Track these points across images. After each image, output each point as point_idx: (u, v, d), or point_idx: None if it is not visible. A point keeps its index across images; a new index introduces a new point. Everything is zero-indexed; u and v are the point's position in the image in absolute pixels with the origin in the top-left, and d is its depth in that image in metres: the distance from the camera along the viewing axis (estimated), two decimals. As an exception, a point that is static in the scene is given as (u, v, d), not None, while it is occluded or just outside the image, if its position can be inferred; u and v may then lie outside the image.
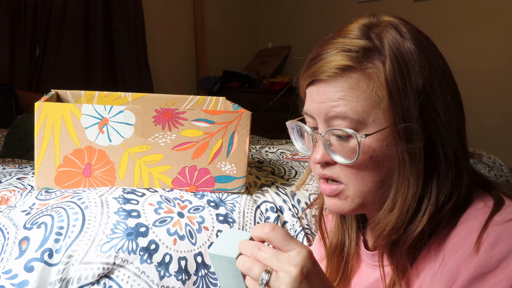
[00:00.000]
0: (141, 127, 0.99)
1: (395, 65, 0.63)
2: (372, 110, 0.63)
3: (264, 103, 4.10)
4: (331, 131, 0.65)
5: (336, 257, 0.79)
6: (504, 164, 1.80)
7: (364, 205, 0.68)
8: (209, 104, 1.44)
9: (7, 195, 1.03)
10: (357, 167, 0.65)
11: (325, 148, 0.66)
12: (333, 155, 0.66)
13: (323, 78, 0.65)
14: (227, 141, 1.03)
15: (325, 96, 0.65)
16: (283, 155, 1.73)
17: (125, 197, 0.96)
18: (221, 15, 4.48)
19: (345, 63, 0.63)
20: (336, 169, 0.67)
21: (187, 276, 0.90)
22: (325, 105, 0.65)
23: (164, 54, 4.13)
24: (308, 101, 0.69)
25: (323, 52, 0.66)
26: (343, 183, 0.67)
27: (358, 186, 0.66)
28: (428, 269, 0.65)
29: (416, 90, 0.63)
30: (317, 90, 0.67)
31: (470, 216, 0.63)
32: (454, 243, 0.62)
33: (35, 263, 0.82)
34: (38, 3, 3.44)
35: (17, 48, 3.38)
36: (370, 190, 0.66)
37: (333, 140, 0.66)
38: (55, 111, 0.96)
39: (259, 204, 1.06)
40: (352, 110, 0.63)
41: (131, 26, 3.84)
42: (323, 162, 0.67)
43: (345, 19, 0.72)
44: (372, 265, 0.74)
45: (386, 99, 0.62)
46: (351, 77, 0.64)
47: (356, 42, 0.64)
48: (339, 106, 0.64)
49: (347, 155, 0.65)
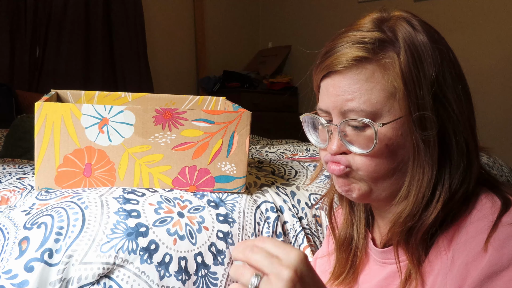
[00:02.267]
0: (141, 127, 0.99)
1: (409, 56, 0.64)
2: (387, 101, 0.64)
3: (264, 103, 4.11)
4: (347, 121, 0.66)
5: (345, 249, 0.80)
6: (504, 164, 1.80)
7: (371, 191, 0.68)
8: (209, 104, 1.44)
9: (7, 195, 1.03)
10: (372, 155, 0.65)
11: (341, 139, 0.67)
12: (349, 146, 0.66)
13: (338, 69, 0.66)
14: (227, 141, 1.03)
15: (340, 88, 0.66)
16: (283, 155, 1.73)
17: (125, 197, 0.96)
18: (221, 15, 4.49)
19: (361, 54, 0.64)
20: (350, 157, 0.67)
21: (187, 276, 0.90)
22: (341, 97, 0.66)
23: (164, 54, 4.13)
24: (323, 96, 0.70)
25: (337, 45, 0.67)
26: (353, 170, 0.68)
27: (369, 172, 0.66)
28: (439, 265, 0.65)
29: (430, 80, 0.64)
30: (332, 83, 0.67)
31: (478, 216, 0.63)
32: (463, 242, 0.62)
33: (35, 263, 0.82)
34: (38, 3, 3.44)
35: (17, 48, 3.38)
36: (381, 177, 0.67)
37: (348, 130, 0.67)
38: (55, 111, 0.96)
39: (259, 204, 1.06)
40: (368, 102, 0.64)
41: (131, 26, 3.84)
42: (339, 152, 0.68)
43: (345, 19, 0.73)
44: (381, 262, 0.74)
45: (402, 89, 0.64)
46: (367, 69, 0.65)
47: (370, 34, 0.66)
48: (354, 98, 0.65)
49: (363, 144, 0.65)
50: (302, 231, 1.07)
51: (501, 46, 3.15)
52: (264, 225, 1.03)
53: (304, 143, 2.14)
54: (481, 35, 3.21)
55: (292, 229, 1.06)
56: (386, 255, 0.73)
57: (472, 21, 3.25)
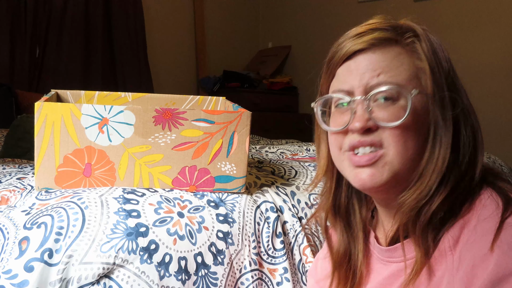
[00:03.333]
0: (141, 127, 0.99)
1: (428, 44, 0.68)
2: (412, 80, 0.67)
3: (264, 103, 4.11)
4: (377, 93, 0.66)
5: (344, 266, 0.79)
6: (504, 164, 1.80)
7: (398, 176, 0.68)
8: (209, 104, 1.44)
9: (7, 195, 1.03)
10: (401, 129, 0.66)
11: (369, 115, 0.67)
12: (378, 121, 0.66)
13: (366, 46, 0.68)
14: (227, 141, 1.03)
15: (368, 64, 0.67)
16: (283, 155, 1.73)
17: (125, 197, 0.96)
18: (221, 15, 4.48)
19: (386, 35, 0.68)
20: (377, 134, 0.67)
21: (187, 276, 0.90)
22: (368, 73, 0.67)
23: (164, 54, 4.13)
24: (344, 77, 0.70)
25: (357, 31, 0.69)
26: (382, 149, 0.67)
27: (399, 149, 0.66)
28: (445, 265, 0.64)
29: (445, 70, 0.68)
30: (356, 62, 0.68)
31: (485, 215, 0.63)
32: (470, 243, 0.61)
33: (35, 263, 0.82)
34: (38, 3, 3.44)
35: (17, 48, 3.38)
36: (408, 156, 0.67)
37: (374, 106, 0.67)
38: (55, 111, 0.96)
39: (259, 204, 1.06)
40: (396, 77, 0.66)
41: (131, 26, 3.84)
42: (365, 128, 0.67)
43: (345, 19, 0.74)
44: (385, 260, 0.74)
45: (427, 69, 0.67)
46: (393, 50, 0.68)
47: (388, 22, 0.69)
48: (382, 73, 0.67)
49: (394, 115, 0.66)
50: (302, 231, 1.07)
51: (501, 46, 3.15)
52: (264, 225, 1.03)
53: (304, 143, 2.14)
54: (481, 35, 3.21)
55: (292, 229, 1.06)
56: (390, 253, 0.73)
57: (472, 21, 3.25)
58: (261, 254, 1.01)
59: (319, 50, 4.18)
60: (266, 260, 1.01)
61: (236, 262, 0.97)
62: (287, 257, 1.02)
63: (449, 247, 0.64)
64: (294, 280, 1.02)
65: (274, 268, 1.01)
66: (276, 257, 1.02)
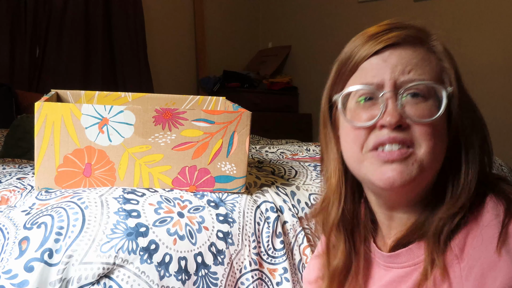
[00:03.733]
0: (141, 127, 0.99)
1: (445, 45, 0.70)
2: (438, 80, 0.67)
3: (264, 103, 4.11)
4: (412, 87, 0.66)
5: (341, 278, 0.78)
6: (504, 164, 1.80)
7: (424, 173, 0.66)
8: (209, 104, 1.44)
9: (7, 195, 1.03)
10: (432, 128, 0.65)
11: (401, 108, 0.66)
12: (411, 115, 0.65)
13: (399, 41, 0.68)
14: (227, 141, 1.03)
15: (401, 60, 0.67)
16: (283, 155, 1.73)
17: (125, 197, 0.96)
18: (221, 15, 4.48)
19: (417, 35, 0.69)
20: (408, 132, 0.66)
21: (187, 276, 0.90)
22: (399, 68, 0.67)
23: (164, 54, 4.13)
24: (373, 70, 0.68)
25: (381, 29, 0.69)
26: (412, 148, 0.66)
27: (430, 148, 0.65)
28: (453, 274, 0.63)
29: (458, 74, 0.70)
30: (389, 56, 0.68)
31: (490, 220, 0.62)
32: (477, 249, 0.61)
33: (35, 263, 0.82)
34: (38, 3, 3.44)
35: (17, 48, 3.38)
36: (437, 154, 0.66)
37: (405, 102, 0.66)
38: (55, 111, 0.96)
39: (259, 204, 1.06)
40: (426, 74, 0.67)
41: (131, 26, 3.84)
42: (398, 123, 0.65)
43: (345, 19, 0.73)
44: (386, 266, 0.73)
45: (450, 70, 0.68)
46: (421, 48, 0.68)
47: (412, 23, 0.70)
48: (413, 69, 0.67)
49: (427, 112, 0.66)
50: (302, 231, 1.07)
51: (501, 46, 3.15)
52: (264, 225, 1.03)
53: (304, 143, 2.14)
54: (481, 35, 3.21)
55: (292, 229, 1.06)
56: (392, 259, 0.72)
57: (472, 21, 3.25)
58: (261, 254, 1.01)
59: (319, 50, 4.21)
60: (266, 260, 1.01)
61: (236, 262, 0.97)
62: (287, 257, 1.02)
63: (455, 255, 0.63)
64: (294, 280, 1.02)
65: (274, 268, 1.01)
66: (276, 257, 1.02)
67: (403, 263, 0.69)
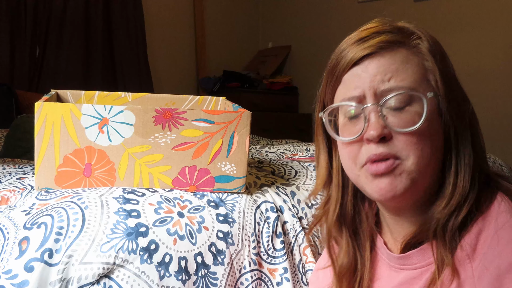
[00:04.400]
0: (141, 127, 0.99)
1: (432, 44, 0.67)
2: (422, 82, 0.66)
3: (264, 103, 4.11)
4: (390, 98, 0.64)
5: (348, 280, 0.77)
6: (504, 164, 1.80)
7: (416, 183, 0.66)
8: (209, 104, 1.44)
9: (7, 195, 1.03)
10: (416, 136, 0.64)
11: (384, 121, 0.64)
12: (393, 128, 0.64)
13: (375, 51, 0.66)
14: (227, 141, 1.03)
15: (378, 68, 0.66)
16: (283, 155, 1.73)
17: (125, 197, 0.96)
18: (221, 15, 4.48)
19: (393, 38, 0.66)
20: (393, 144, 0.65)
21: (187, 276, 0.90)
22: (378, 77, 0.65)
23: (164, 54, 4.13)
24: (353, 83, 0.67)
25: (362, 35, 0.68)
26: (399, 159, 0.65)
27: (417, 158, 0.64)
28: (464, 274, 0.63)
29: (450, 71, 0.68)
30: (364, 67, 0.66)
31: (501, 224, 0.61)
32: (492, 251, 0.60)
33: (35, 263, 0.82)
34: (38, 3, 3.44)
35: (17, 48, 3.38)
36: (426, 163, 0.65)
37: (387, 113, 0.65)
38: (55, 111, 0.96)
39: (259, 204, 1.06)
40: (406, 80, 0.65)
41: (131, 26, 3.84)
42: (381, 135, 0.64)
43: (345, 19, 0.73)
44: (396, 267, 0.72)
45: (435, 69, 0.66)
46: (401, 52, 0.66)
47: (392, 24, 0.68)
48: (392, 77, 0.65)
49: (409, 121, 0.64)
50: (302, 231, 1.07)
51: (501, 46, 3.15)
52: (264, 225, 1.03)
53: (304, 143, 2.14)
54: (481, 35, 3.21)
55: (292, 229, 1.06)
56: (403, 261, 0.71)
57: (472, 21, 3.25)
58: (261, 254, 1.01)
59: (319, 50, 4.20)
60: (266, 260, 1.01)
61: (236, 262, 0.97)
62: (287, 257, 1.02)
63: (467, 255, 0.63)
64: (294, 280, 1.02)
65: (274, 268, 1.01)
66: (276, 257, 1.02)
67: (415, 264, 0.69)
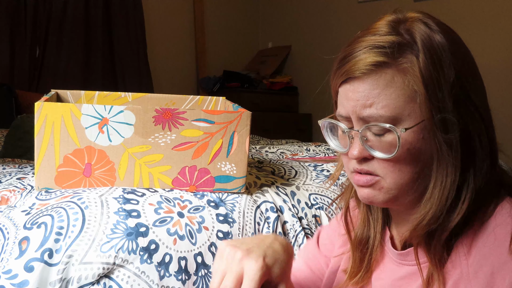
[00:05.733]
0: (141, 127, 0.99)
1: (428, 58, 0.63)
2: (407, 105, 0.64)
3: (264, 103, 4.11)
4: (368, 127, 0.65)
5: (361, 249, 0.79)
6: (504, 164, 1.80)
7: (397, 198, 0.68)
8: (209, 104, 1.44)
9: (7, 195, 1.03)
10: (394, 161, 0.65)
11: (363, 144, 0.66)
12: (371, 151, 0.65)
13: (357, 75, 0.65)
14: (227, 141, 1.03)
15: (359, 93, 0.65)
16: (283, 155, 1.73)
17: (125, 197, 0.96)
18: (221, 15, 4.49)
19: (379, 59, 0.64)
20: (373, 163, 0.67)
21: (187, 276, 0.90)
22: (360, 103, 0.65)
23: (164, 54, 4.13)
24: (342, 101, 0.68)
25: (354, 50, 0.66)
26: (378, 176, 0.67)
27: (395, 179, 0.66)
28: (460, 271, 0.63)
29: (450, 82, 0.63)
30: (351, 88, 0.66)
31: (499, 222, 0.62)
32: (488, 249, 0.61)
33: (35, 263, 0.82)
34: (38, 3, 3.44)
35: (17, 48, 3.38)
36: (406, 183, 0.66)
37: (369, 135, 0.66)
38: (55, 111, 0.96)
39: (259, 204, 1.06)
40: (388, 107, 0.64)
41: (131, 26, 3.84)
42: (360, 157, 0.67)
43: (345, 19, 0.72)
44: (397, 262, 0.74)
45: (423, 92, 0.63)
46: (386, 73, 0.64)
47: (387, 38, 0.65)
48: (374, 103, 0.64)
49: (385, 149, 0.65)
50: (302, 231, 1.07)
51: (502, 46, 3.15)
52: (264, 225, 1.03)
53: (304, 143, 2.14)
54: (481, 35, 3.21)
55: (292, 229, 1.06)
56: (403, 257, 0.72)
57: (472, 21, 3.25)
58: (261, 254, 1.01)
59: (319, 50, 4.20)
60: (266, 260, 1.01)
61: (236, 262, 0.97)
62: (287, 257, 1.02)
63: (464, 253, 0.63)
64: (294, 280, 1.02)
65: (274, 268, 1.01)
66: (276, 257, 1.02)
67: (413, 261, 0.70)
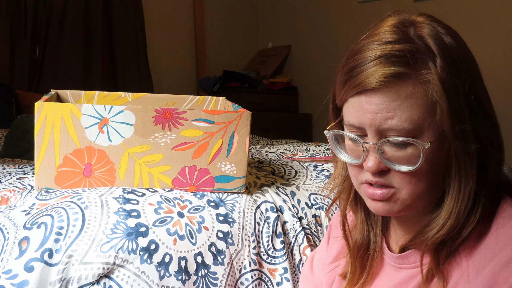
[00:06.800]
0: (141, 127, 0.99)
1: (446, 65, 0.61)
2: (428, 116, 0.61)
3: (264, 103, 4.11)
4: (388, 140, 0.62)
5: (362, 255, 0.78)
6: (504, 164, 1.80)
7: (410, 207, 0.66)
8: (209, 104, 1.44)
9: (7, 195, 1.03)
10: (412, 173, 0.63)
11: (381, 158, 0.63)
12: (389, 164, 0.63)
13: (374, 87, 0.61)
14: (227, 141, 1.03)
15: (378, 105, 0.62)
16: (283, 155, 1.73)
17: (125, 197, 0.96)
18: (221, 15, 4.48)
19: (398, 69, 0.60)
20: (389, 175, 0.65)
21: (187, 276, 0.90)
22: (380, 115, 0.62)
23: (164, 54, 4.13)
24: (355, 111, 0.65)
25: (365, 60, 0.62)
26: (394, 188, 0.65)
27: (411, 189, 0.64)
28: (460, 272, 0.63)
29: (466, 89, 0.62)
30: (366, 100, 0.63)
31: (501, 224, 0.62)
32: (488, 252, 0.61)
33: (35, 263, 0.82)
34: (38, 3, 3.44)
35: (17, 48, 3.38)
36: (421, 193, 0.65)
37: (386, 148, 0.63)
38: (55, 111, 0.96)
39: (259, 204, 1.06)
40: (410, 119, 0.61)
41: (131, 26, 3.84)
42: (378, 170, 0.64)
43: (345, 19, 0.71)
44: (396, 267, 0.73)
45: (444, 101, 0.60)
46: (406, 84, 0.61)
47: (400, 46, 0.61)
48: (395, 116, 0.61)
49: (405, 161, 0.62)
50: (302, 231, 1.07)
51: (502, 46, 3.15)
52: (264, 225, 1.03)
53: (304, 143, 2.14)
54: (481, 35, 3.21)
55: (292, 229, 1.06)
56: (402, 260, 0.72)
57: (472, 21, 3.25)
58: (261, 254, 1.01)
59: (319, 50, 4.20)
60: (266, 260, 1.01)
61: (236, 262, 0.97)
62: (287, 257, 1.02)
63: (465, 255, 0.63)
64: (294, 280, 1.02)
65: (274, 268, 1.01)
66: (276, 257, 1.02)
67: (414, 263, 0.69)
